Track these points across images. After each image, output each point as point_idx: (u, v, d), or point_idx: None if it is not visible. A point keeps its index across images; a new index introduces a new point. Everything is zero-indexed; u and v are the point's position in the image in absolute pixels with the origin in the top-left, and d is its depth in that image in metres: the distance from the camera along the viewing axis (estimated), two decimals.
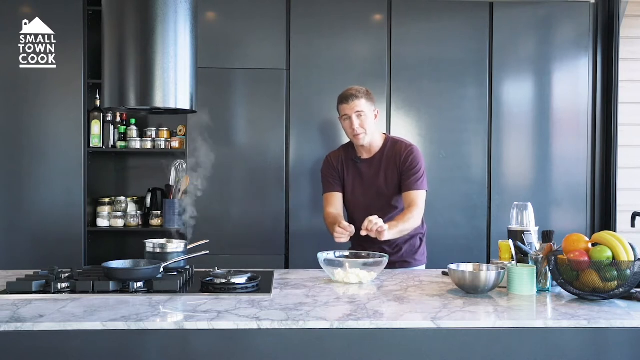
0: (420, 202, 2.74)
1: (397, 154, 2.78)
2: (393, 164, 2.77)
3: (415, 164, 2.75)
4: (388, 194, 2.78)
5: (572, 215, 3.69)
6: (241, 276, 2.16)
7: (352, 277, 2.30)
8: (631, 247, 2.01)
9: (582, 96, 3.70)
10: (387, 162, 2.79)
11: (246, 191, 3.60)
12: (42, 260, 3.27)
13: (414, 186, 2.73)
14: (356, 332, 1.74)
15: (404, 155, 2.76)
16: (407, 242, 2.82)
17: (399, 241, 2.78)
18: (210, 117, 3.57)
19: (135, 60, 2.30)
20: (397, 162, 2.77)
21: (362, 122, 2.74)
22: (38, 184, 3.54)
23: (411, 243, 2.83)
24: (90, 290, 2.06)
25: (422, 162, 2.79)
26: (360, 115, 2.73)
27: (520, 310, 1.91)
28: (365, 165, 2.83)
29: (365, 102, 2.75)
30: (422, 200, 2.75)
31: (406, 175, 2.74)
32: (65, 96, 3.54)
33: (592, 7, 3.70)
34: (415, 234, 2.83)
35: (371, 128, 2.77)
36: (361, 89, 2.79)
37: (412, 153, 2.77)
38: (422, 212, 2.76)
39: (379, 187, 2.78)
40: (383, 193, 2.78)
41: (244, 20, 3.59)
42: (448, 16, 3.65)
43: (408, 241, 2.82)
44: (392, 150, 2.80)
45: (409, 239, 2.82)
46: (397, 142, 2.84)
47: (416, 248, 2.85)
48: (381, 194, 2.78)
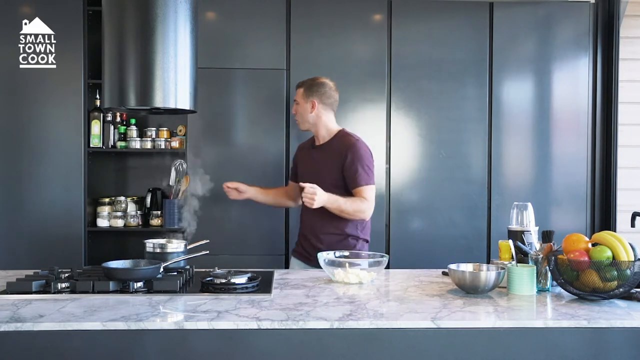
0: (369, 197, 2.80)
1: (341, 148, 2.86)
2: (337, 156, 2.84)
3: (358, 160, 2.80)
4: (323, 181, 2.79)
5: (572, 215, 3.69)
6: (241, 276, 2.16)
7: (352, 277, 2.30)
8: (631, 247, 2.01)
9: (582, 96, 3.70)
10: (332, 152, 2.88)
11: None
12: (42, 260, 3.26)
13: (357, 182, 2.79)
14: (356, 332, 1.74)
15: (347, 151, 2.83)
16: (341, 243, 2.82)
17: (332, 240, 2.81)
18: (210, 117, 3.57)
19: (135, 60, 2.30)
20: (340, 155, 2.83)
21: (296, 109, 2.99)
22: (38, 184, 3.54)
23: (345, 244, 2.82)
24: (90, 290, 2.06)
25: (365, 158, 2.83)
26: (296, 103, 2.99)
27: (520, 310, 1.91)
28: (315, 151, 2.98)
29: (302, 92, 2.95)
30: (368, 194, 2.80)
31: (349, 171, 2.80)
32: (65, 96, 3.54)
33: (592, 7, 3.70)
34: (351, 235, 2.84)
35: (306, 118, 2.95)
36: (309, 80, 2.99)
37: (355, 150, 2.82)
38: (370, 205, 2.80)
39: (320, 174, 2.85)
40: (323, 180, 2.80)
41: (244, 20, 3.59)
42: (448, 16, 3.65)
43: (342, 242, 2.82)
44: (338, 143, 2.90)
45: (343, 239, 2.82)
46: (345, 136, 2.93)
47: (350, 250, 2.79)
48: (321, 181, 2.80)
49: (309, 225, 2.91)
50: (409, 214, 3.64)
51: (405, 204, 3.65)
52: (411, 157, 3.67)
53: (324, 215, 2.79)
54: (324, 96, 2.94)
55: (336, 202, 2.73)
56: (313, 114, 2.92)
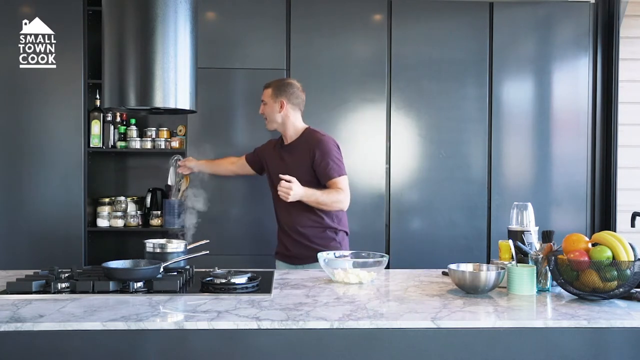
0: (344, 187, 2.87)
1: (309, 145, 2.91)
2: (305, 154, 2.90)
3: (327, 154, 2.87)
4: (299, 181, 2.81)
5: (572, 215, 3.69)
6: (241, 276, 2.16)
7: (352, 277, 2.30)
8: (631, 247, 2.01)
9: (582, 96, 3.70)
10: (300, 151, 2.94)
11: (246, 191, 3.59)
12: (42, 260, 3.26)
13: (329, 175, 2.86)
14: (356, 332, 1.74)
15: (314, 147, 2.89)
16: (321, 235, 2.89)
17: (312, 233, 2.88)
18: (210, 117, 3.57)
19: (135, 60, 2.30)
20: (309, 153, 2.89)
21: (263, 109, 3.04)
22: (38, 184, 3.54)
23: (324, 236, 2.89)
24: (90, 290, 2.06)
25: (333, 151, 2.90)
26: (263, 103, 3.04)
27: (520, 310, 1.91)
28: (284, 151, 3.02)
29: (270, 92, 3.01)
30: (343, 184, 2.87)
31: (319, 167, 2.87)
32: (65, 96, 3.54)
33: (592, 7, 3.70)
34: (329, 227, 2.90)
35: (274, 117, 3.00)
36: (276, 81, 3.06)
37: (322, 145, 2.89)
38: (346, 195, 2.87)
39: (288, 170, 2.88)
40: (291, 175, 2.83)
41: (244, 20, 3.59)
42: (448, 16, 3.65)
43: (321, 234, 2.89)
44: (305, 141, 2.95)
45: (322, 232, 2.89)
46: (311, 133, 3.00)
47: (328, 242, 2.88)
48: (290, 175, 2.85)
49: (287, 222, 2.95)
50: (409, 214, 3.64)
51: (405, 204, 3.65)
52: (411, 157, 3.67)
53: (300, 210, 2.86)
54: (292, 96, 3.00)
55: (313, 195, 2.79)
56: (282, 113, 2.99)
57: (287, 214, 2.94)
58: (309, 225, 2.90)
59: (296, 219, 2.91)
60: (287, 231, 2.97)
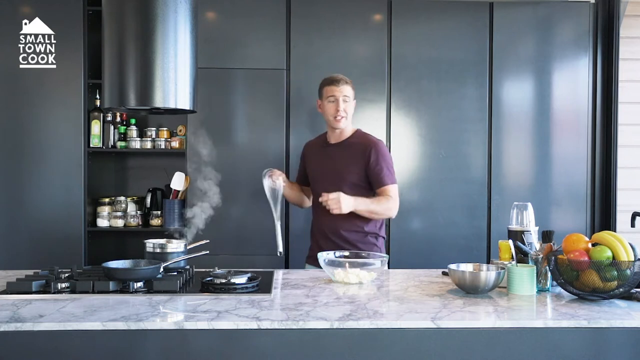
0: (394, 195, 2.84)
1: (364, 147, 2.87)
2: (360, 156, 2.85)
3: (382, 159, 2.84)
4: (344, 179, 2.82)
5: (572, 215, 3.69)
6: (241, 276, 2.16)
7: (352, 277, 2.30)
8: (631, 247, 2.01)
9: (582, 96, 3.70)
10: (354, 151, 2.88)
11: (246, 191, 3.59)
12: (42, 260, 3.26)
13: (383, 181, 2.82)
14: (356, 332, 1.74)
15: (370, 150, 2.85)
16: (363, 240, 2.85)
17: (355, 238, 2.84)
18: (210, 117, 3.57)
19: (135, 60, 2.30)
20: (364, 155, 2.85)
21: (347, 107, 2.90)
22: (38, 184, 3.54)
23: (366, 241, 2.85)
24: (90, 290, 2.06)
25: (388, 157, 2.89)
26: (346, 100, 2.89)
27: (520, 310, 1.91)
28: (332, 149, 2.94)
29: (351, 89, 2.94)
30: (394, 192, 2.84)
31: (374, 171, 2.83)
32: (65, 96, 3.54)
33: (592, 7, 3.70)
34: (370, 232, 2.87)
35: (351, 114, 2.93)
36: (347, 77, 2.97)
37: (379, 149, 2.86)
38: (396, 203, 2.85)
39: (340, 172, 2.86)
40: (340, 177, 2.84)
41: (244, 20, 3.59)
42: (448, 16, 3.65)
43: (363, 239, 2.86)
44: (360, 141, 2.91)
45: (364, 237, 2.86)
46: (365, 135, 2.96)
47: (370, 247, 2.85)
48: (338, 177, 2.85)
49: (330, 226, 2.86)
50: (409, 214, 3.64)
51: (405, 204, 3.64)
52: (411, 157, 3.67)
53: (345, 215, 2.78)
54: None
55: (364, 204, 2.76)
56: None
57: (329, 218, 2.82)
58: (353, 230, 2.83)
59: (340, 223, 2.82)
60: (328, 235, 2.88)
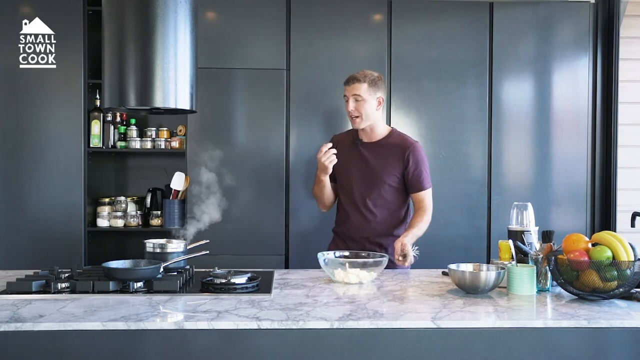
0: (430, 201, 2.82)
1: (403, 148, 2.80)
2: (397, 157, 2.79)
3: (421, 162, 2.80)
4: (382, 181, 2.78)
5: (572, 215, 3.69)
6: (241, 276, 2.16)
7: (352, 277, 2.30)
8: (631, 247, 2.01)
9: (582, 96, 3.70)
10: (391, 151, 2.81)
11: (246, 191, 3.59)
12: (42, 260, 3.26)
13: (422, 185, 2.79)
14: (356, 332, 1.74)
15: (410, 151, 2.78)
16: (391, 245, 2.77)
17: (383, 242, 2.80)
18: (210, 117, 3.57)
19: (135, 60, 2.30)
20: (402, 156, 2.78)
21: (358, 106, 2.76)
22: (38, 184, 3.54)
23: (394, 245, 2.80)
24: (90, 290, 2.06)
25: (426, 160, 2.85)
26: (357, 100, 2.76)
27: (520, 310, 1.91)
28: (367, 149, 2.84)
29: (367, 87, 2.76)
30: (430, 198, 2.82)
31: (413, 174, 2.77)
32: (65, 96, 3.54)
33: (592, 7, 3.70)
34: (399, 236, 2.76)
35: (369, 114, 2.77)
36: (370, 74, 2.80)
37: (418, 151, 2.81)
38: (431, 210, 2.81)
39: (378, 174, 2.79)
40: (378, 179, 2.79)
41: (244, 20, 3.59)
42: (448, 16, 3.65)
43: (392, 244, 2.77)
44: (397, 142, 2.83)
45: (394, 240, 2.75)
46: (403, 135, 2.89)
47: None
48: (376, 179, 2.79)
49: (364, 231, 2.80)
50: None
51: None
52: None
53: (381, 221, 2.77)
54: (385, 92, 2.87)
55: (415, 236, 2.67)
56: (379, 110, 2.83)
57: (365, 222, 2.79)
58: (386, 235, 2.79)
59: (375, 229, 2.79)
60: (358, 240, 2.81)
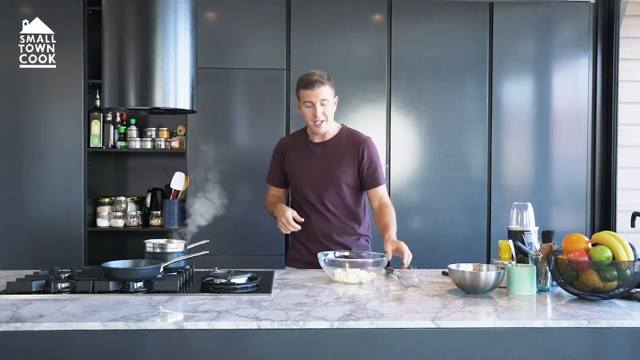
0: (386, 195, 2.78)
1: (356, 144, 2.72)
2: (350, 154, 2.71)
3: (376, 158, 2.75)
4: (338, 180, 2.71)
5: (572, 215, 3.69)
6: (241, 276, 2.16)
7: (352, 277, 2.30)
8: (631, 247, 2.01)
9: (582, 96, 3.70)
10: (344, 149, 2.73)
11: (246, 191, 3.59)
12: (42, 260, 3.26)
13: (378, 181, 2.73)
14: (356, 332, 1.74)
15: (364, 147, 2.71)
16: (356, 243, 2.78)
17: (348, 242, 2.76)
18: (210, 117, 3.57)
19: (135, 60, 2.30)
20: (356, 153, 2.71)
21: (325, 110, 2.65)
22: (38, 184, 3.54)
23: (359, 244, 2.79)
24: (90, 290, 2.06)
25: (378, 154, 2.78)
26: (324, 104, 2.64)
27: (520, 310, 1.91)
28: (318, 148, 2.75)
29: (329, 88, 2.65)
30: (387, 193, 2.79)
31: (368, 170, 2.71)
32: (65, 96, 3.54)
33: (592, 7, 3.70)
34: (362, 234, 2.80)
35: (331, 115, 2.70)
36: (324, 74, 2.68)
37: (370, 147, 2.74)
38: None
39: (330, 172, 2.71)
40: (334, 178, 2.71)
41: (244, 20, 3.59)
42: (448, 16, 3.66)
43: (356, 242, 2.79)
44: (349, 139, 2.75)
45: (357, 240, 2.78)
46: (354, 132, 2.79)
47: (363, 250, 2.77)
48: (332, 178, 2.71)
49: (324, 230, 2.74)
50: (409, 214, 3.64)
51: (405, 204, 3.65)
52: (411, 157, 3.67)
53: (342, 219, 2.75)
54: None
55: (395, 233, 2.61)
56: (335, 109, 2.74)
57: (325, 223, 2.73)
58: (347, 234, 2.75)
59: (336, 228, 2.73)
60: (319, 239, 2.73)
